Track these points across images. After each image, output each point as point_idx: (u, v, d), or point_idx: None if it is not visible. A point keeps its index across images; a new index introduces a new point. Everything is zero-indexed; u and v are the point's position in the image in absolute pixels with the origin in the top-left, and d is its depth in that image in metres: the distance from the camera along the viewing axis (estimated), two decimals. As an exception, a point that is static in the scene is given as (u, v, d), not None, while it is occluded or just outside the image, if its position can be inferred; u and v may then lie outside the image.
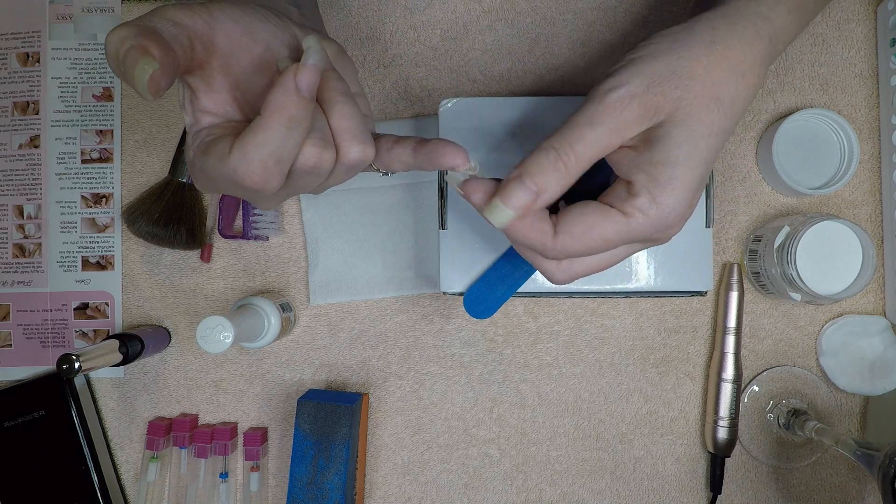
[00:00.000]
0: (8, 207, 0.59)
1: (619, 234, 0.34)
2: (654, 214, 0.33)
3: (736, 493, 0.57)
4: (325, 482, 0.52)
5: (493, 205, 0.34)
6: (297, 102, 0.31)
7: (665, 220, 0.34)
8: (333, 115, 0.34)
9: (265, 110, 0.31)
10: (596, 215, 0.34)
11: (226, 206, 0.57)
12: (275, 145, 0.31)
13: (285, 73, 0.31)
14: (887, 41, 0.55)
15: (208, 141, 0.34)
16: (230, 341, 0.47)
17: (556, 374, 0.58)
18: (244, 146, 0.31)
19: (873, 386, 0.55)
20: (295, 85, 0.30)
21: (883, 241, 0.57)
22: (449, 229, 0.49)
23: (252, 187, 0.32)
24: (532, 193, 0.33)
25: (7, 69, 0.59)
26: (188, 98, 0.36)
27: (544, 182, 0.33)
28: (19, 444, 0.55)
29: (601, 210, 0.34)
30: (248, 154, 0.31)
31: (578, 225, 0.34)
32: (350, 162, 0.35)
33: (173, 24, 0.33)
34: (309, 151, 0.33)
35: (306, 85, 0.31)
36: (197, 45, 0.34)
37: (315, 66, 0.31)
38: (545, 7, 0.58)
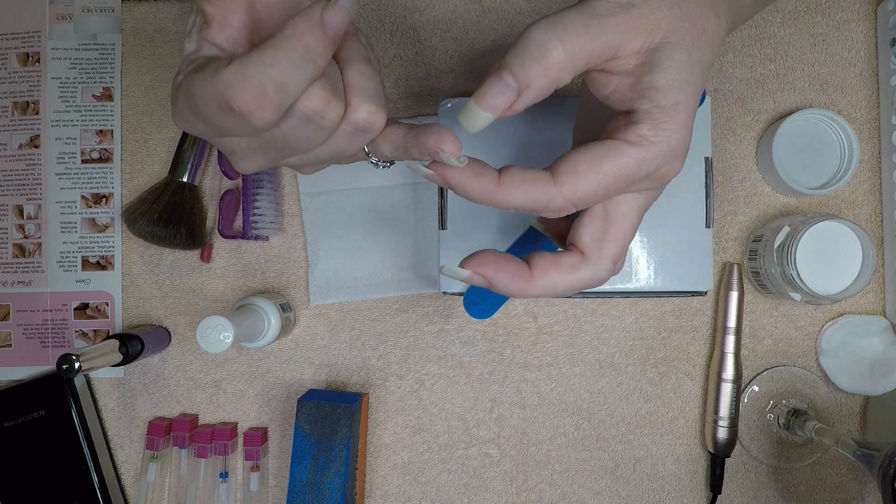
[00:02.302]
0: (8, 207, 0.59)
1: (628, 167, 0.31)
2: (659, 140, 0.31)
3: (736, 493, 0.57)
4: (325, 482, 0.52)
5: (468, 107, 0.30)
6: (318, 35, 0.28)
7: (672, 147, 0.31)
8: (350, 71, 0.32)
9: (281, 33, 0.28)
10: (599, 149, 0.31)
11: (226, 206, 0.57)
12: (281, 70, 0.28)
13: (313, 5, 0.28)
14: (887, 41, 0.55)
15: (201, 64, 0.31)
16: (230, 341, 0.47)
17: (556, 374, 0.58)
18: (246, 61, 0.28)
19: (873, 386, 0.55)
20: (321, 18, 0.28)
21: (883, 241, 0.57)
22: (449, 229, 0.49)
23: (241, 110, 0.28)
24: (512, 90, 0.29)
25: (7, 69, 0.59)
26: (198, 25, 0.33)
27: (527, 76, 0.29)
28: (19, 444, 0.55)
29: (605, 144, 0.31)
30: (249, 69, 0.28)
31: (582, 162, 0.30)
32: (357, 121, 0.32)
33: None
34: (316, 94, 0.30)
35: (333, 23, 0.28)
36: None
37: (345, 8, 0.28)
38: (545, 7, 0.58)
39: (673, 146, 0.31)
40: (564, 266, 0.33)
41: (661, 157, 0.31)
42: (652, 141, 0.31)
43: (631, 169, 0.31)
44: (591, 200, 0.31)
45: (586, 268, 0.33)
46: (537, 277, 0.32)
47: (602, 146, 0.31)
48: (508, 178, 0.31)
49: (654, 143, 0.31)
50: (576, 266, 0.33)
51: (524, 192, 0.31)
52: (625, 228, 0.33)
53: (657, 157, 0.31)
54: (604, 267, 0.33)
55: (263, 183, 0.56)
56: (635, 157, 0.31)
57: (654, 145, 0.31)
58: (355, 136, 0.33)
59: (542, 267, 0.32)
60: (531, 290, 0.32)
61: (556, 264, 0.33)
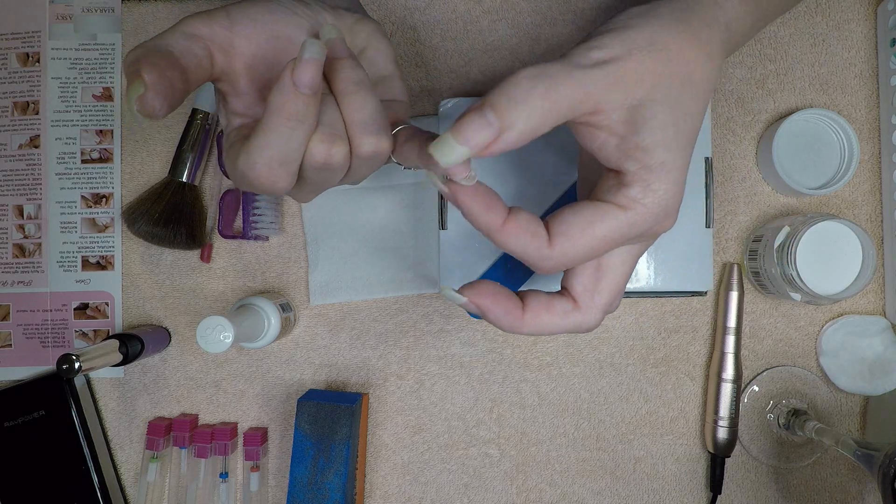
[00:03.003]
0: (8, 207, 0.59)
1: (619, 231, 0.31)
2: (650, 203, 0.31)
3: (736, 493, 0.57)
4: (325, 482, 0.52)
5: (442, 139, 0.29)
6: (295, 100, 0.30)
7: (664, 208, 0.32)
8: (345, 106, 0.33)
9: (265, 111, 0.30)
10: (591, 212, 0.31)
11: (226, 206, 0.57)
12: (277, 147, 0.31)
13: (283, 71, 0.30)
14: (887, 41, 0.55)
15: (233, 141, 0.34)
16: (230, 341, 0.47)
17: (556, 374, 0.58)
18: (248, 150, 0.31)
19: (873, 386, 0.55)
20: (293, 82, 0.29)
21: (883, 241, 0.57)
22: (449, 229, 0.49)
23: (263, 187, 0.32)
24: (493, 129, 0.28)
25: (7, 69, 0.59)
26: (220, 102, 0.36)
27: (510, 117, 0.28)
28: (19, 444, 0.55)
29: (596, 207, 0.31)
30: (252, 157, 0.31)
31: (574, 226, 0.31)
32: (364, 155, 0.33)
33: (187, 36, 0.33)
34: (317, 148, 0.32)
35: (305, 82, 0.29)
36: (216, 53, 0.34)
37: (311, 60, 0.29)
38: (546, 7, 0.58)
39: (664, 206, 0.32)
40: (556, 311, 0.34)
41: (652, 218, 0.32)
42: (643, 203, 0.31)
43: (622, 232, 0.32)
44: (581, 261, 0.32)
45: (576, 315, 0.34)
46: (528, 318, 0.33)
47: (593, 209, 0.31)
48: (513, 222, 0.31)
49: (645, 206, 0.31)
50: (567, 312, 0.34)
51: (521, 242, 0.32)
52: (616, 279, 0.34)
53: (648, 219, 0.32)
54: (593, 316, 0.34)
55: (263, 183, 0.56)
56: (626, 221, 0.31)
57: (644, 207, 0.31)
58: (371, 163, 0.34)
59: (534, 309, 0.34)
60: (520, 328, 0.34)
61: (548, 308, 0.34)
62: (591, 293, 0.34)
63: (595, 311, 0.34)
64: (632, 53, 0.31)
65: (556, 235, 0.31)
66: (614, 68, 0.30)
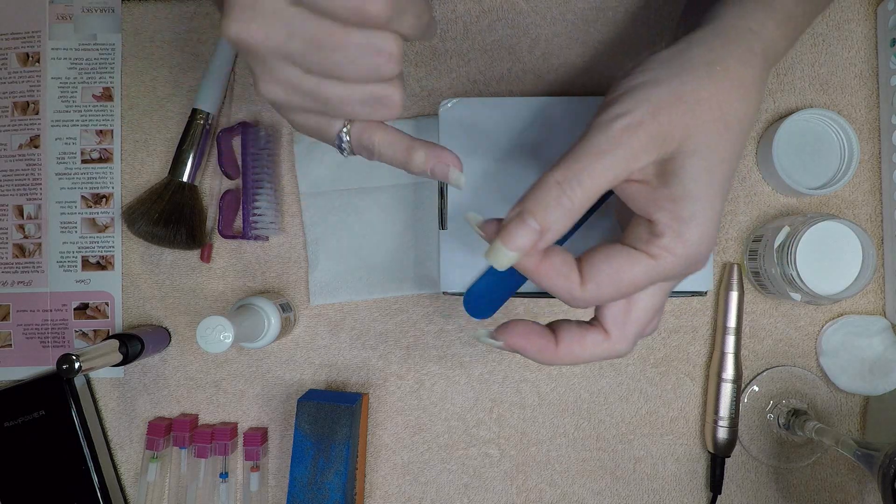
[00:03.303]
0: (8, 207, 0.59)
1: (648, 277, 0.32)
2: (681, 252, 0.32)
3: (736, 493, 0.57)
4: (325, 482, 0.52)
5: (494, 247, 0.32)
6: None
7: (694, 257, 0.32)
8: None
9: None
10: (622, 260, 0.32)
11: (226, 205, 0.57)
12: None
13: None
14: (887, 41, 0.55)
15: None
16: (230, 341, 0.47)
17: (556, 374, 0.58)
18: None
19: (873, 386, 0.55)
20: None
21: (883, 241, 0.57)
22: (449, 229, 0.49)
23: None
24: (535, 233, 0.31)
25: (7, 69, 0.59)
26: None
27: (548, 220, 0.31)
28: (19, 444, 0.55)
29: (627, 254, 0.32)
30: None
31: (604, 272, 0.32)
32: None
33: None
34: None
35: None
36: None
37: None
38: (545, 7, 0.58)
39: (695, 254, 0.32)
40: (588, 343, 0.35)
41: (683, 266, 0.32)
42: (674, 252, 0.32)
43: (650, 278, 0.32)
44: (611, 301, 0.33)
45: (608, 345, 0.35)
46: (562, 351, 0.35)
47: (624, 257, 0.32)
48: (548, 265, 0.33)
49: (676, 256, 0.32)
50: (598, 343, 0.35)
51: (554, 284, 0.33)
52: (647, 312, 0.35)
53: (680, 266, 0.32)
54: (625, 347, 0.35)
55: (263, 183, 0.57)
56: (655, 269, 0.32)
57: (675, 257, 0.32)
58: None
59: (567, 342, 0.35)
60: (556, 360, 0.35)
61: (580, 340, 0.35)
62: (621, 325, 0.35)
63: (626, 342, 0.35)
64: (656, 116, 0.31)
65: (587, 279, 0.32)
66: (640, 136, 0.31)
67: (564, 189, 0.31)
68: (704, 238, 0.32)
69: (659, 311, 0.36)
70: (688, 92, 0.32)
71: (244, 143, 0.56)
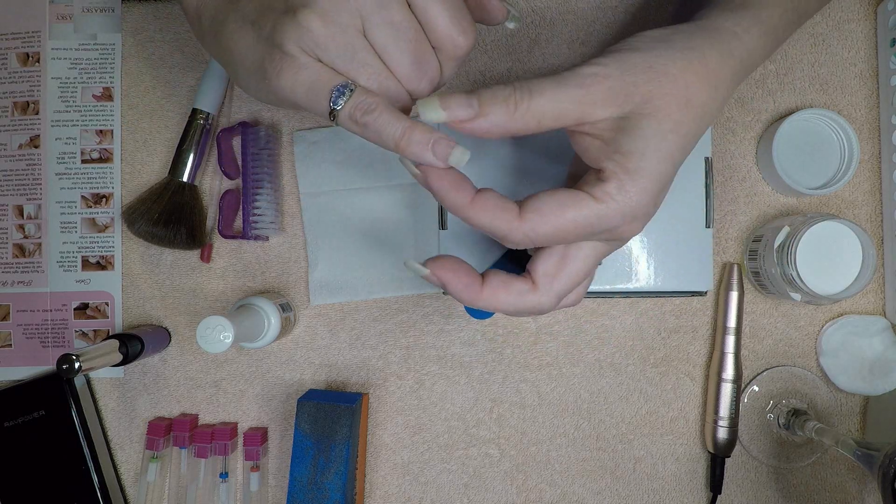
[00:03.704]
0: (8, 207, 0.59)
1: (587, 219, 0.33)
2: (622, 200, 0.33)
3: (736, 493, 0.57)
4: (325, 482, 0.52)
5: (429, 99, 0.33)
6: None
7: (632, 209, 0.33)
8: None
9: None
10: (566, 196, 0.33)
11: (226, 205, 0.57)
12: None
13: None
14: (887, 41, 0.55)
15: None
16: (230, 341, 0.47)
17: (556, 374, 0.58)
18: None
19: (873, 386, 0.55)
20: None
21: (883, 241, 0.57)
22: (449, 229, 0.49)
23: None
24: (472, 110, 0.32)
25: (7, 69, 0.59)
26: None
27: (488, 107, 0.32)
28: (19, 444, 0.55)
29: (571, 193, 0.33)
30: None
31: (548, 204, 0.33)
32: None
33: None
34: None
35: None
36: None
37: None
38: (545, 7, 0.58)
39: (633, 207, 0.33)
40: (513, 290, 0.35)
41: (620, 216, 0.33)
42: (615, 199, 0.33)
43: (590, 221, 0.33)
44: (548, 242, 0.34)
45: (532, 297, 0.36)
46: (486, 293, 0.35)
47: (569, 194, 0.33)
48: (481, 200, 0.33)
49: (616, 202, 0.33)
50: (523, 293, 0.36)
51: (489, 217, 0.33)
52: (578, 269, 0.36)
53: (617, 216, 0.33)
54: (548, 300, 0.36)
55: (263, 183, 0.57)
56: (596, 212, 0.33)
57: (615, 203, 0.33)
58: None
59: (493, 286, 0.35)
60: (478, 301, 0.35)
61: (506, 287, 0.35)
62: (550, 277, 0.35)
63: (550, 295, 0.36)
64: (624, 75, 0.33)
65: (528, 211, 0.33)
66: (603, 86, 0.33)
67: (515, 90, 0.32)
68: (645, 195, 0.33)
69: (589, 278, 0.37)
70: (660, 64, 0.34)
71: (244, 143, 0.56)
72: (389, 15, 0.34)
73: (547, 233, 0.33)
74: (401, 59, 0.35)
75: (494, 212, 0.33)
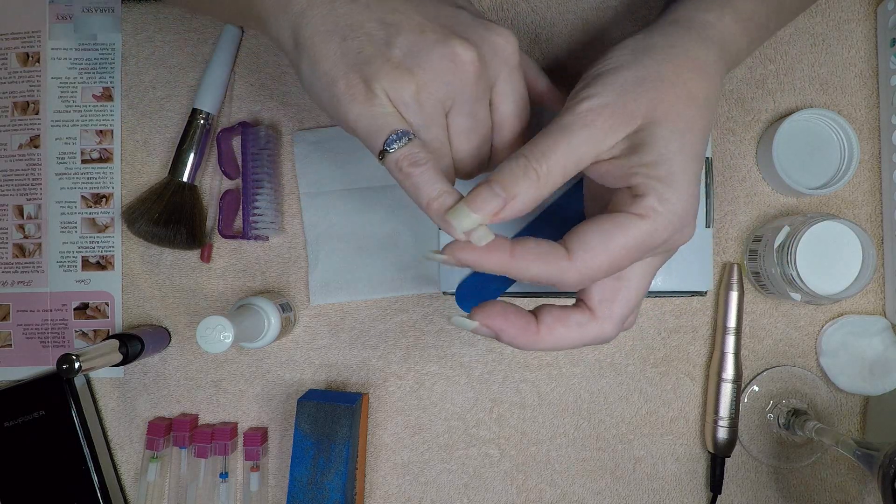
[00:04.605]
0: (8, 207, 0.59)
1: (638, 240, 0.31)
2: (666, 211, 0.32)
3: (736, 493, 0.57)
4: (325, 482, 0.52)
5: (457, 209, 0.32)
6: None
7: (679, 216, 0.32)
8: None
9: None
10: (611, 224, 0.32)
11: (226, 205, 0.57)
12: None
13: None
14: (887, 41, 0.55)
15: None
16: (230, 341, 0.47)
17: (556, 374, 0.58)
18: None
19: (873, 386, 0.55)
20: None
21: (883, 241, 0.57)
22: (449, 229, 0.49)
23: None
24: (500, 199, 0.31)
25: (7, 69, 0.59)
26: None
27: (514, 188, 0.32)
28: (19, 444, 0.55)
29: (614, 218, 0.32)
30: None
31: (594, 236, 0.31)
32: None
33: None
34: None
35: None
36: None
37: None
38: (545, 7, 0.58)
39: (680, 214, 0.32)
40: (572, 323, 0.33)
41: (670, 226, 0.32)
42: (658, 212, 0.31)
43: (642, 241, 0.31)
44: (604, 274, 0.32)
45: (593, 326, 0.34)
46: (544, 333, 0.33)
47: (611, 220, 0.32)
48: (521, 251, 0.32)
49: (661, 215, 0.31)
50: (583, 324, 0.34)
51: (537, 266, 0.32)
52: (635, 290, 0.34)
53: (667, 228, 0.32)
54: (611, 327, 0.34)
55: (263, 183, 0.56)
56: (645, 231, 0.31)
57: (661, 216, 0.31)
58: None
59: (548, 324, 0.33)
60: (538, 344, 0.33)
61: (563, 321, 0.33)
62: (608, 303, 0.34)
63: (612, 322, 0.34)
64: (621, 96, 0.32)
65: (575, 250, 0.31)
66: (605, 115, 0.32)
67: (530, 161, 0.32)
68: (686, 198, 0.32)
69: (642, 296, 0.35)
70: (650, 73, 0.33)
71: (244, 143, 0.56)
72: (476, 110, 0.35)
73: (601, 266, 0.31)
74: (465, 147, 0.36)
75: (540, 259, 0.32)
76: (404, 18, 0.34)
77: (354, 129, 0.35)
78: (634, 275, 0.34)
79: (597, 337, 0.34)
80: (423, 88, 0.34)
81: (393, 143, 0.34)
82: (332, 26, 0.34)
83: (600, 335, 0.34)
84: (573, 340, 0.34)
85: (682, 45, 0.35)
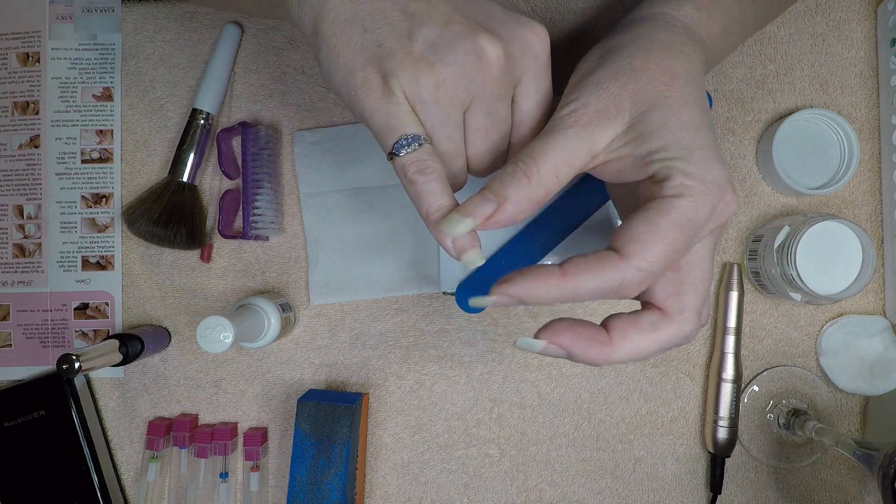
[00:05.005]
0: (8, 207, 0.59)
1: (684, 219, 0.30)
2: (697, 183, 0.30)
3: (736, 493, 0.57)
4: (325, 482, 0.52)
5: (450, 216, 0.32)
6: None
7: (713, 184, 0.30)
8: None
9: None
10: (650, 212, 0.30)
11: (226, 205, 0.57)
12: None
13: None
14: (887, 41, 0.55)
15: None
16: (230, 341, 0.47)
17: (556, 374, 0.58)
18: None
19: (873, 386, 0.55)
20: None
21: (883, 241, 0.57)
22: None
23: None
24: (492, 203, 0.32)
25: (7, 69, 0.59)
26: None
27: (504, 192, 0.32)
28: (19, 444, 0.55)
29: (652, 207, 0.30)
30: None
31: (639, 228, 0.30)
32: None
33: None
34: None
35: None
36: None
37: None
38: (545, 7, 0.58)
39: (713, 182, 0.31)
40: (644, 326, 0.32)
41: (709, 195, 0.30)
42: (690, 185, 0.30)
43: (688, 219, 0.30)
44: (664, 264, 0.30)
45: (669, 325, 0.32)
46: (617, 341, 0.31)
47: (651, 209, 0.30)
48: (573, 268, 0.30)
49: (694, 187, 0.30)
50: (656, 324, 0.32)
51: (593, 277, 0.30)
52: (700, 277, 0.32)
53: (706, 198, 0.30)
54: (688, 320, 0.32)
55: (263, 183, 0.57)
56: (686, 206, 0.30)
57: (694, 189, 0.30)
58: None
59: (620, 330, 0.32)
60: (613, 355, 0.31)
61: (635, 325, 0.32)
62: (677, 297, 0.32)
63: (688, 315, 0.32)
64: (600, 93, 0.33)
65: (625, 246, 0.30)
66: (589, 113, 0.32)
67: (518, 165, 0.32)
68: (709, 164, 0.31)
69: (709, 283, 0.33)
70: (621, 67, 0.34)
71: (244, 143, 0.56)
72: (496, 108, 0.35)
73: (658, 255, 0.30)
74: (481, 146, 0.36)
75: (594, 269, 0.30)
76: (430, 8, 0.33)
77: (369, 124, 0.34)
78: (693, 262, 0.32)
79: (676, 335, 0.32)
80: (441, 85, 0.33)
81: (402, 148, 0.33)
82: (352, 15, 0.33)
83: (679, 333, 0.32)
84: (650, 344, 0.32)
85: (645, 34, 0.36)
